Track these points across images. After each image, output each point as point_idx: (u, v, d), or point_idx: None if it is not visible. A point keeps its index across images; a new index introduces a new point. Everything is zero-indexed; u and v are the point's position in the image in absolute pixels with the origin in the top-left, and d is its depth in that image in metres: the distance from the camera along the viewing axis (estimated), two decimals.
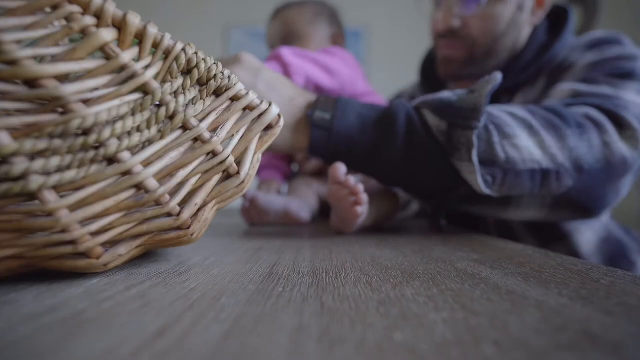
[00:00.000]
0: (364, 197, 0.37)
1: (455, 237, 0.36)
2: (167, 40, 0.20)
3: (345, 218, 0.38)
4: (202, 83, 0.22)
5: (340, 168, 0.38)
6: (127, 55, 0.19)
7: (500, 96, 0.59)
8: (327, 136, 0.39)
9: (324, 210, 0.58)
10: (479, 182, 0.36)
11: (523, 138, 0.38)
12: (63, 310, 0.15)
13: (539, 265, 0.22)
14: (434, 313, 0.14)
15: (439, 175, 0.39)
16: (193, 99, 0.21)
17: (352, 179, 0.37)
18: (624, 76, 0.47)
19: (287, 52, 0.53)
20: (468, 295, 0.16)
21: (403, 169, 0.39)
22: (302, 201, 0.52)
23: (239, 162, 0.24)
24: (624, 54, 0.50)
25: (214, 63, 0.22)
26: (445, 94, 0.39)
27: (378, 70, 2.29)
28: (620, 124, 0.42)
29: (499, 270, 0.21)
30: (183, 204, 0.22)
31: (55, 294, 0.17)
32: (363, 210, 0.37)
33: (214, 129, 0.22)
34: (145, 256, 0.27)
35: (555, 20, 0.59)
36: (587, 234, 0.55)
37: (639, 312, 0.14)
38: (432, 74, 0.69)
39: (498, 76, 0.38)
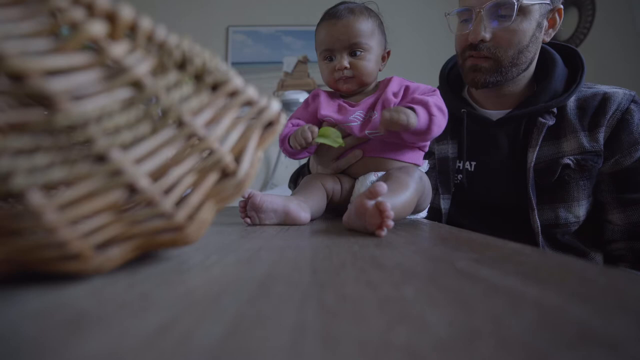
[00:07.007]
0: (391, 224, 0.36)
1: (455, 237, 0.36)
2: (161, 33, 0.19)
3: (363, 227, 0.38)
4: (197, 77, 0.21)
5: (384, 186, 0.38)
6: (118, 49, 0.18)
7: (543, 115, 0.67)
8: None
9: (330, 208, 0.59)
10: None
11: None
12: (65, 310, 0.15)
13: (538, 264, 0.23)
14: (434, 313, 0.14)
15: None
16: (188, 94, 0.20)
17: (389, 205, 0.36)
18: None
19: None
20: (468, 295, 0.16)
21: None
22: (302, 201, 0.52)
23: (237, 160, 0.23)
24: None
25: (211, 57, 0.21)
26: None
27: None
28: None
29: (498, 269, 0.21)
30: (177, 204, 0.21)
31: (58, 293, 0.17)
32: (385, 234, 0.36)
33: (210, 126, 0.21)
34: (146, 256, 0.27)
35: (571, 56, 0.69)
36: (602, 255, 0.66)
37: (638, 312, 0.14)
38: (452, 79, 0.80)
39: None
